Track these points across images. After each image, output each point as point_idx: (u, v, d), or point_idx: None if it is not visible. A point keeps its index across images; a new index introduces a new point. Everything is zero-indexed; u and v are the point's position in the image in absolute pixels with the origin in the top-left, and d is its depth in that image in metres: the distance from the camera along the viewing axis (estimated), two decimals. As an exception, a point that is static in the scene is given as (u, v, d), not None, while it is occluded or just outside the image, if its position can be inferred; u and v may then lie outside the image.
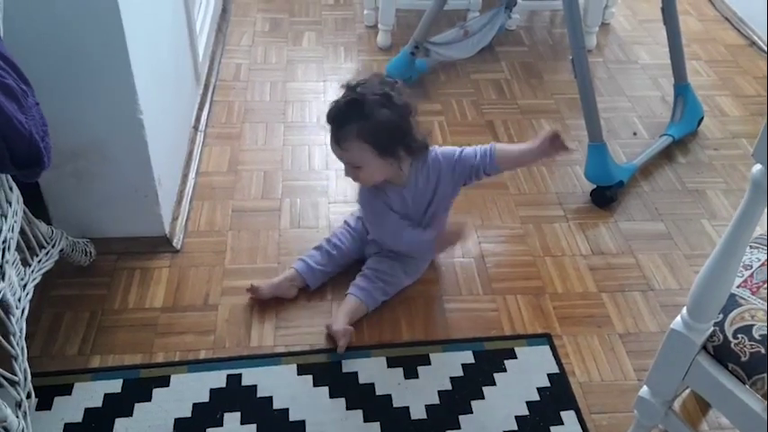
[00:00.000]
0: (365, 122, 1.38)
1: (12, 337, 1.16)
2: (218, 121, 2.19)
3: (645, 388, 1.17)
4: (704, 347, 1.04)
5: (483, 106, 2.34)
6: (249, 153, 2.07)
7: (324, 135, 2.15)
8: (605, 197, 1.93)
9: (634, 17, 2.93)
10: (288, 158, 2.06)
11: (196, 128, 2.10)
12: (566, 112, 2.33)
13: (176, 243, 1.73)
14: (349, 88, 1.43)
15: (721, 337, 1.02)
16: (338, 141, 1.43)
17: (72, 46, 1.36)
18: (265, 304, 1.60)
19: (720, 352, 1.02)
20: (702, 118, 2.25)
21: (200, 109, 2.17)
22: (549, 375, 1.48)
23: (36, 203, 1.53)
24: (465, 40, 2.40)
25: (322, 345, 1.52)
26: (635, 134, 2.26)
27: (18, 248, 1.28)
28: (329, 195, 1.94)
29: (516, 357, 1.52)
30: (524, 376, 1.48)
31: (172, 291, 1.62)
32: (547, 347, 1.54)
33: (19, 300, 1.22)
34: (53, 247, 1.44)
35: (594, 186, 1.96)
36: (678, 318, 1.05)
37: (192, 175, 1.94)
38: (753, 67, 2.62)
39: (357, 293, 1.56)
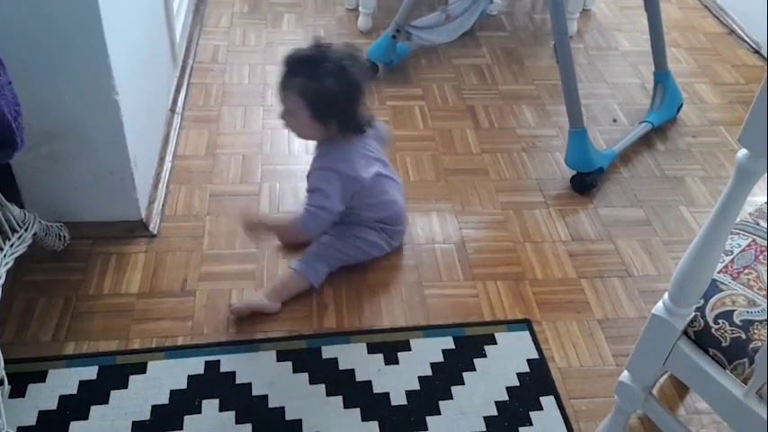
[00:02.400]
0: (310, 82, 1.41)
1: (-17, 323, 1.13)
2: (196, 104, 2.15)
3: (625, 373, 1.18)
4: (685, 332, 1.05)
5: (464, 91, 2.33)
6: (227, 137, 2.04)
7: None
8: (585, 183, 1.93)
9: (615, 4, 2.94)
10: (267, 142, 2.03)
11: (173, 110, 2.06)
12: (546, 98, 2.33)
13: (153, 228, 1.70)
14: (316, 45, 1.47)
15: (702, 322, 1.03)
16: (283, 86, 1.47)
17: (46, 24, 1.32)
18: (244, 290, 1.58)
19: (701, 337, 1.03)
20: (681, 105, 2.27)
21: (177, 91, 2.13)
22: (528, 361, 1.49)
23: (8, 186, 1.49)
24: (446, 25, 2.38)
25: (301, 331, 1.51)
26: (615, 121, 2.26)
27: (-11, 232, 1.25)
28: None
29: (496, 343, 1.52)
30: (504, 362, 1.48)
31: (148, 276, 1.59)
32: (526, 333, 1.55)
33: (-10, 285, 1.19)
34: (26, 231, 1.40)
35: (574, 173, 1.96)
36: (660, 303, 1.05)
37: (168, 158, 1.91)
38: (731, 55, 2.64)
39: (301, 268, 1.57)
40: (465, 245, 1.76)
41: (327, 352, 1.46)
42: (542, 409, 1.39)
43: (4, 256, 1.29)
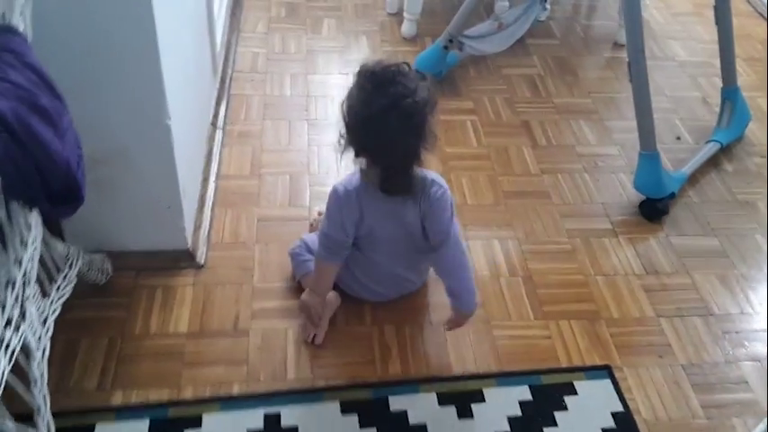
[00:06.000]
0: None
1: (33, 386, 1.02)
2: (238, 118, 2.03)
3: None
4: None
5: (517, 105, 2.20)
6: (272, 154, 1.92)
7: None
8: (656, 210, 1.81)
9: (667, 10, 2.80)
10: (314, 161, 1.91)
11: (214, 125, 1.94)
12: (604, 112, 2.20)
13: (200, 257, 1.58)
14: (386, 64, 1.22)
15: None
16: None
17: (99, 46, 1.20)
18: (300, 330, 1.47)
19: None
20: (749, 122, 2.13)
21: (218, 104, 2.01)
22: (613, 414, 1.37)
23: (48, 217, 1.37)
24: (499, 33, 2.25)
25: (365, 378, 1.39)
26: (678, 138, 2.13)
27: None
28: (360, 203, 1.79)
29: (576, 393, 1.40)
30: (587, 415, 1.36)
31: (197, 313, 1.48)
32: (608, 381, 1.43)
33: (39, 339, 1.08)
34: (70, 268, 1.29)
35: (643, 197, 1.83)
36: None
37: (212, 178, 1.78)
38: (794, 66, 2.51)
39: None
40: (533, 278, 1.64)
41: (395, 403, 1.34)
42: (632, 470, 1.28)
43: (52, 302, 1.17)
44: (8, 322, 0.94)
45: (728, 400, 1.43)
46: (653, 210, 1.81)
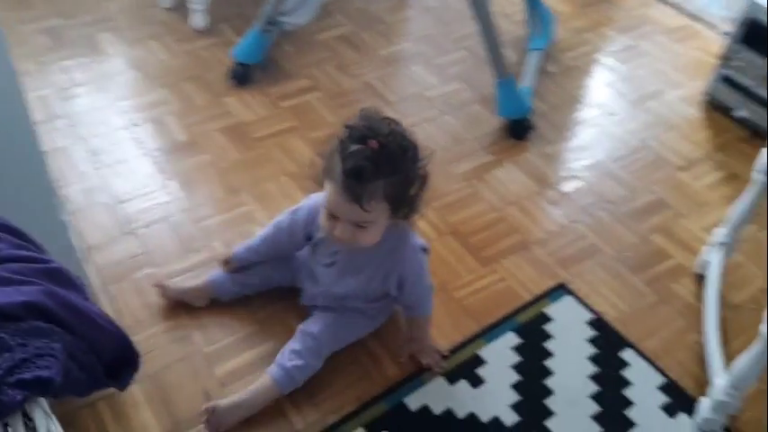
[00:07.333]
0: (395, 178, 1.10)
1: None
2: (69, 176, 1.71)
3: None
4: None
5: (349, 68, 2.15)
6: (132, 203, 1.66)
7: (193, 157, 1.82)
8: (525, 128, 1.92)
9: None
10: (185, 196, 1.69)
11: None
12: (429, 52, 2.24)
13: (127, 348, 1.35)
14: (373, 133, 1.07)
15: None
16: (360, 200, 1.09)
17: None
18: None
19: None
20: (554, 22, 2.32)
21: (40, 169, 1.68)
22: (588, 323, 1.47)
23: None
24: (308, 1, 2.15)
25: (371, 393, 1.32)
26: (501, 56, 2.25)
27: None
28: (257, 220, 1.64)
29: (552, 319, 1.47)
30: (570, 334, 1.45)
31: (162, 410, 1.27)
32: (570, 297, 1.52)
33: None
34: None
35: (508, 121, 1.93)
36: None
37: (84, 254, 1.51)
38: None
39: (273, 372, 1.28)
40: (459, 231, 1.66)
41: (412, 402, 1.30)
42: (629, 364, 1.40)
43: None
44: None
45: (661, 270, 1.61)
46: (522, 129, 1.91)
